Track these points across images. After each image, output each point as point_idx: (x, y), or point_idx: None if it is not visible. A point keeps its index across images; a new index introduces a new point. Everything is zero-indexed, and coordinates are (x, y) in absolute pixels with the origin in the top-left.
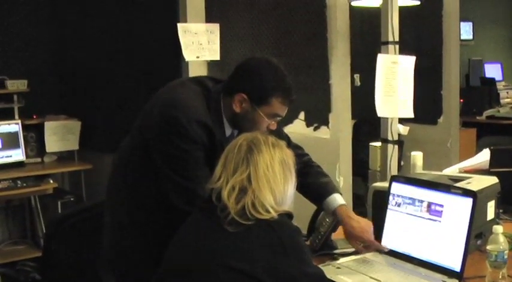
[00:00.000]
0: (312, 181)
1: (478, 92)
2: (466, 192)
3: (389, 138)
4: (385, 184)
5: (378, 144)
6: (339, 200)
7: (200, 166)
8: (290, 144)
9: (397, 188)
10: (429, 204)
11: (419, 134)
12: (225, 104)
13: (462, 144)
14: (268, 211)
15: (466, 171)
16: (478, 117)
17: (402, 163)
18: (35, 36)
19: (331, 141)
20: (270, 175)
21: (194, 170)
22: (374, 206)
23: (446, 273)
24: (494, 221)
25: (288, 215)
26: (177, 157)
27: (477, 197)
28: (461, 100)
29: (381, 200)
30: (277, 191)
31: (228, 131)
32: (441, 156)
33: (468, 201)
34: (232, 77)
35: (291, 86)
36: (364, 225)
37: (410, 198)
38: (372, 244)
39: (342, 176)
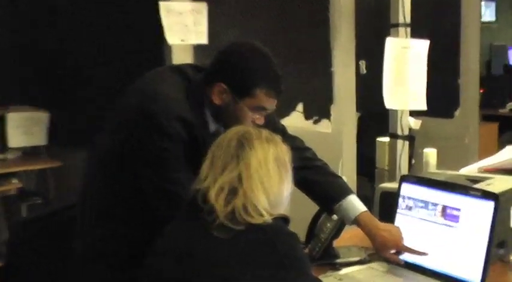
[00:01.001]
0: (320, 179)
1: (501, 81)
2: (487, 195)
3: (399, 133)
4: (394, 185)
5: (386, 139)
6: (358, 205)
7: (182, 166)
8: (285, 135)
9: (407, 189)
10: (444, 208)
11: (433, 129)
12: (207, 95)
13: (482, 141)
14: (261, 214)
15: (486, 171)
16: (500, 110)
17: (413, 161)
18: None
19: (333, 136)
20: (264, 174)
21: (176, 171)
22: (381, 209)
23: None
24: None
25: (284, 219)
26: (156, 157)
27: (499, 200)
28: (482, 90)
29: (389, 202)
30: (271, 191)
31: (213, 127)
32: (458, 153)
33: (489, 205)
34: (213, 65)
35: (278, 75)
36: (395, 232)
37: (422, 201)
38: (407, 251)
39: (345, 176)
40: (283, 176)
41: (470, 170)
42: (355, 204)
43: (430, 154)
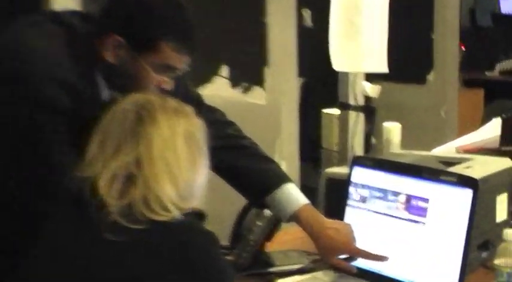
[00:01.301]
0: (246, 163)
1: (489, 36)
2: (463, 181)
3: (351, 102)
4: (345, 170)
5: (336, 111)
6: (298, 197)
7: (63, 146)
8: (201, 106)
9: (361, 174)
10: (408, 199)
11: (399, 98)
12: (97, 51)
13: (462, 112)
14: (167, 209)
15: (466, 151)
16: (487, 73)
17: (374, 140)
18: None
19: (268, 108)
20: (170, 157)
21: (54, 153)
22: (328, 201)
23: None
24: (506, 224)
25: (198, 215)
26: (27, 135)
27: (479, 188)
28: (463, 47)
29: (338, 192)
30: (180, 179)
31: (106, 93)
32: (431, 129)
33: (466, 194)
34: (104, 12)
35: (191, 25)
36: (345, 231)
37: (380, 190)
38: (360, 255)
39: (284, 160)
40: (196, 159)
41: (446, 149)
42: (293, 195)
43: (392, 129)
